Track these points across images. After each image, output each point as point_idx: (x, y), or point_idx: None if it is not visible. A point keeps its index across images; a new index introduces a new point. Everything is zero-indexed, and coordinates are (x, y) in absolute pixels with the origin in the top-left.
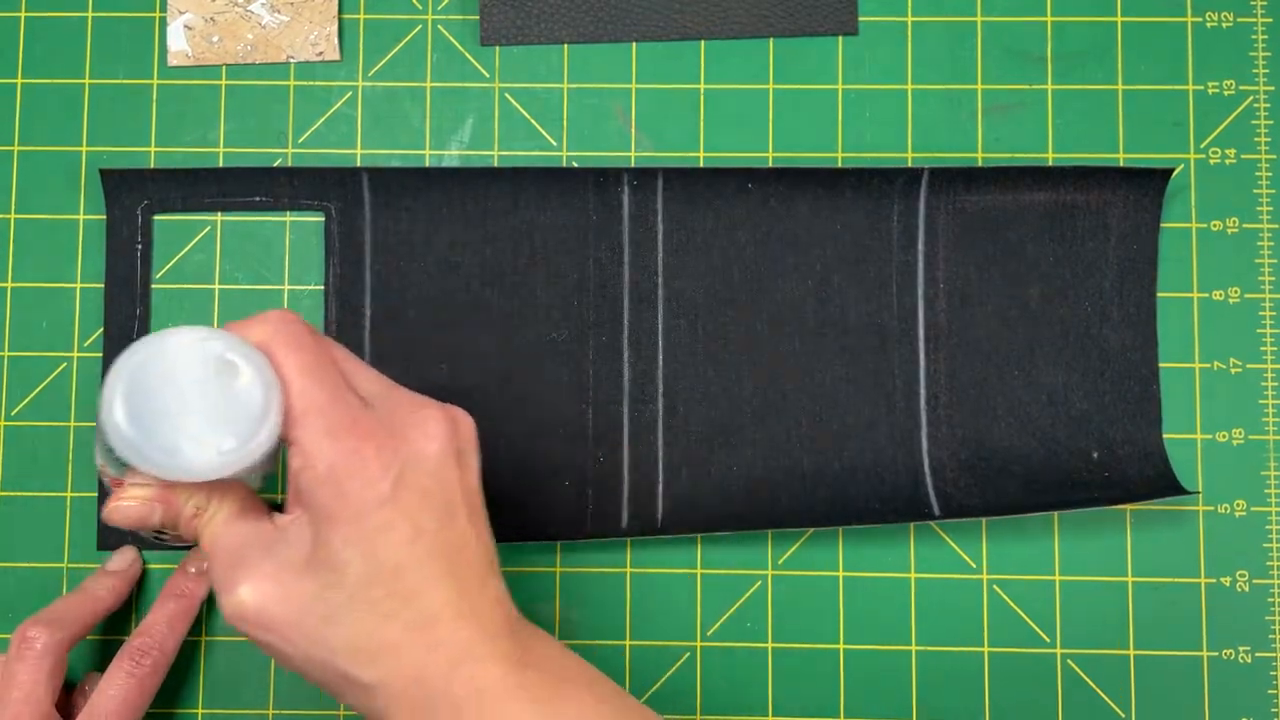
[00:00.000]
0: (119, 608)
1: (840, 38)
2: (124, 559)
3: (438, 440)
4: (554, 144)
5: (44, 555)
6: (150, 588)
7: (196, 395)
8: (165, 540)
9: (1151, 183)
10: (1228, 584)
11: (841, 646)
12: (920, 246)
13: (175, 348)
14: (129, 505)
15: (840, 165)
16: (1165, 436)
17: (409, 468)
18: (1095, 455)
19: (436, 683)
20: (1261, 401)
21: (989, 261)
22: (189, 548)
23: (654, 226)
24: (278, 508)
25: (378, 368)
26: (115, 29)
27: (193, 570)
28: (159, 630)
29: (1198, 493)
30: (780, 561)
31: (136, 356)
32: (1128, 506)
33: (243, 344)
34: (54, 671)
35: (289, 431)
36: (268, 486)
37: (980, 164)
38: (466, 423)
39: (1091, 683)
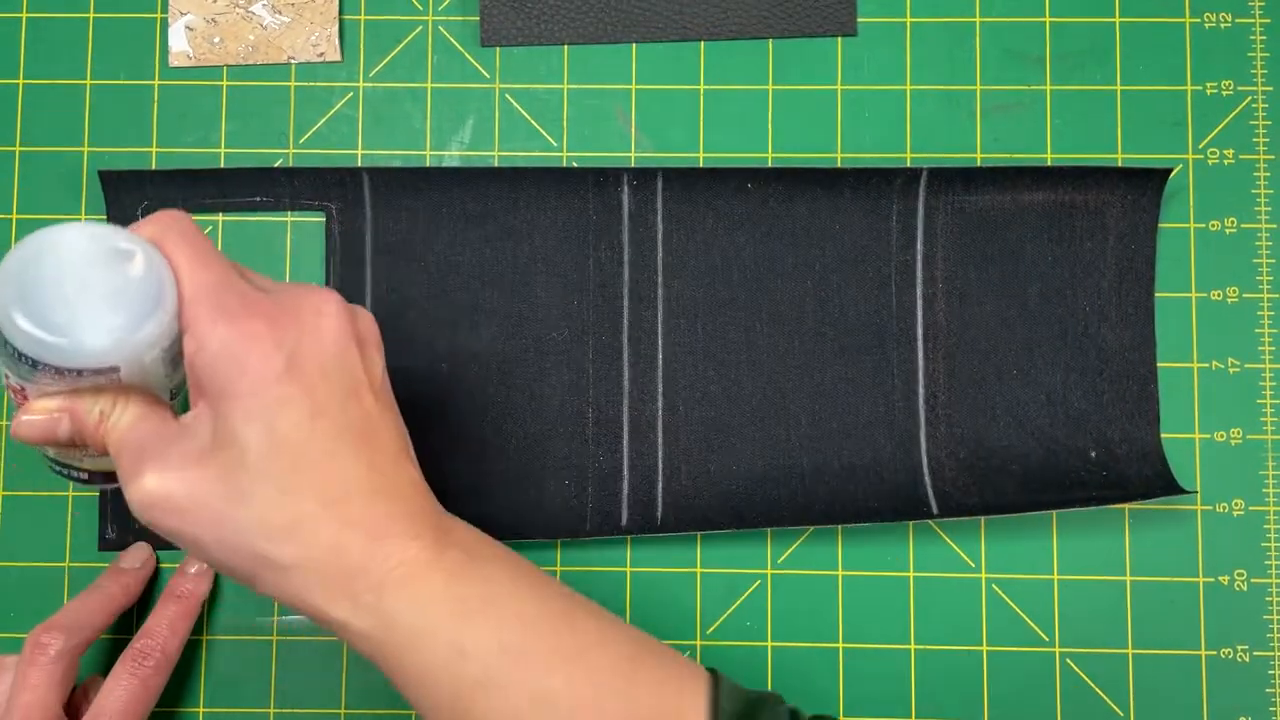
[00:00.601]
0: (131, 605)
1: (839, 39)
2: (138, 556)
3: (333, 319)
4: (554, 144)
5: (45, 555)
6: (153, 588)
7: (92, 283)
8: (76, 474)
9: (1150, 183)
10: (1226, 583)
11: (840, 645)
12: (919, 246)
13: (67, 240)
14: (35, 419)
15: (839, 165)
16: (1163, 436)
17: (305, 344)
18: (1093, 455)
19: (355, 558)
20: (1260, 401)
21: (988, 261)
22: (104, 488)
23: (654, 226)
24: None
25: None
26: (116, 30)
27: (192, 571)
28: (161, 632)
29: (1196, 492)
30: (780, 560)
31: (27, 250)
32: (1126, 506)
33: (134, 235)
34: (66, 676)
35: (182, 319)
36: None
37: (979, 164)
38: (367, 316)
39: (1090, 681)
